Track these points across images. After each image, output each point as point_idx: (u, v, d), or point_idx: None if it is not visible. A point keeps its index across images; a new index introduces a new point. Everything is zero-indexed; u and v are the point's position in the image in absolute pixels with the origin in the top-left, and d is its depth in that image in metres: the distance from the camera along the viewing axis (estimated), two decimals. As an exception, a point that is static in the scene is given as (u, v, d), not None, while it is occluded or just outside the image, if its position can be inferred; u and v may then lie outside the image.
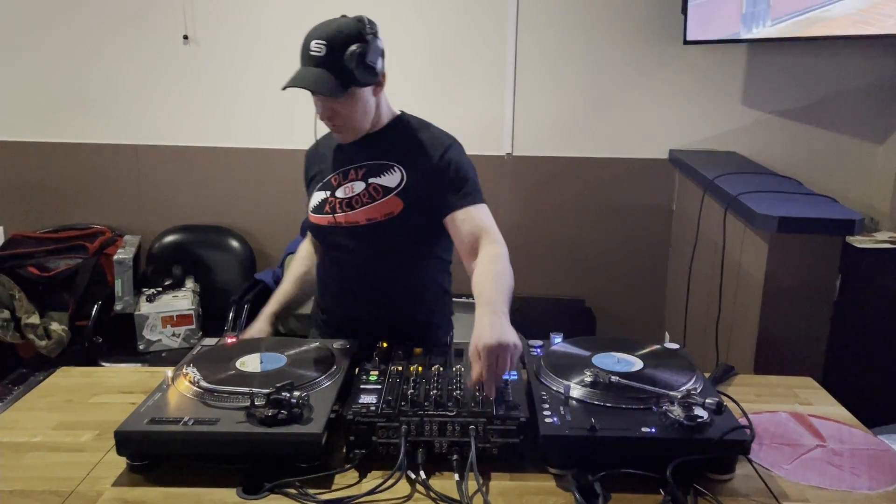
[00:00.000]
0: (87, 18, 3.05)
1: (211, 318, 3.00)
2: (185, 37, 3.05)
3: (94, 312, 2.91)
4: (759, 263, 2.06)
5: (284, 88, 1.42)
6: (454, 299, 1.73)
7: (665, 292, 3.25)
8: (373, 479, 1.13)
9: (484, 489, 1.10)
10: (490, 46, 3.05)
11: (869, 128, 2.96)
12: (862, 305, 2.15)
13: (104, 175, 3.22)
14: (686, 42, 2.89)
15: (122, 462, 1.16)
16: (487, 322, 1.28)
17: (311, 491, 1.10)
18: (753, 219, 2.04)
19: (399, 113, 1.62)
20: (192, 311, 2.92)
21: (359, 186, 1.55)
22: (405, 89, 3.09)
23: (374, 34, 1.44)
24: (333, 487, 1.12)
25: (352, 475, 1.15)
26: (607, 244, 3.23)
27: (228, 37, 3.06)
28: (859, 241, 2.22)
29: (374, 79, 1.47)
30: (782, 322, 2.03)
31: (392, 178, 1.53)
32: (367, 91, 1.48)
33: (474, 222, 1.52)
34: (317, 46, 1.40)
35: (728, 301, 2.30)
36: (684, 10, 2.87)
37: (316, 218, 1.61)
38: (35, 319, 2.88)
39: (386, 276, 1.59)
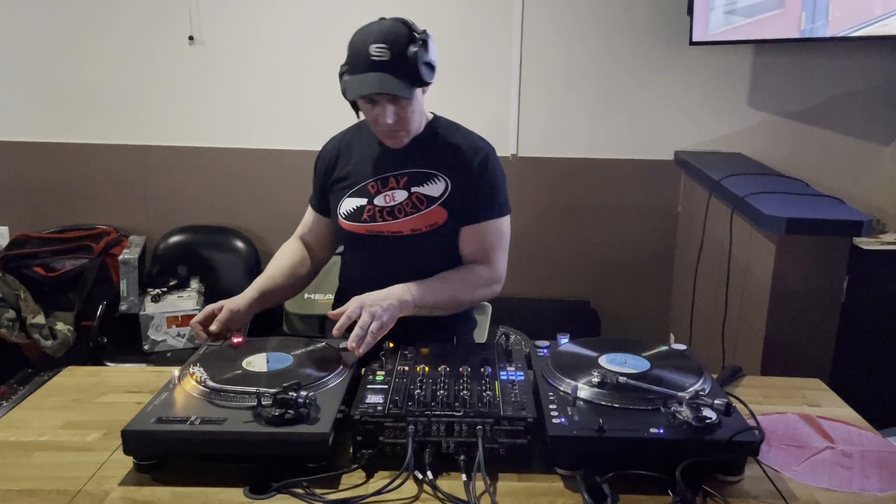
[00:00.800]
0: (93, 19, 3.06)
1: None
2: (191, 38, 3.06)
3: (99, 312, 2.93)
4: (766, 265, 2.05)
5: (358, 98, 1.42)
6: None
7: (670, 294, 3.24)
8: (380, 479, 1.13)
9: (491, 490, 1.09)
10: (495, 47, 3.05)
11: (876, 129, 2.95)
12: (869, 307, 2.14)
13: (109, 175, 3.23)
14: (692, 43, 2.88)
15: (129, 461, 1.16)
16: (394, 291, 1.41)
17: (319, 491, 1.10)
18: (761, 220, 2.03)
19: (432, 116, 1.60)
20: (196, 312, 2.90)
21: (400, 195, 1.53)
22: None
23: (425, 32, 1.45)
24: (340, 487, 1.12)
25: (359, 475, 1.14)
26: (612, 245, 3.22)
27: (234, 38, 3.07)
28: (866, 243, 2.21)
29: (433, 77, 1.47)
30: (790, 323, 2.03)
31: (436, 188, 1.52)
32: (420, 91, 1.49)
33: (480, 243, 1.56)
34: (378, 51, 1.38)
35: (734, 302, 2.29)
36: (690, 12, 2.86)
37: (351, 226, 1.57)
38: (40, 319, 2.88)
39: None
